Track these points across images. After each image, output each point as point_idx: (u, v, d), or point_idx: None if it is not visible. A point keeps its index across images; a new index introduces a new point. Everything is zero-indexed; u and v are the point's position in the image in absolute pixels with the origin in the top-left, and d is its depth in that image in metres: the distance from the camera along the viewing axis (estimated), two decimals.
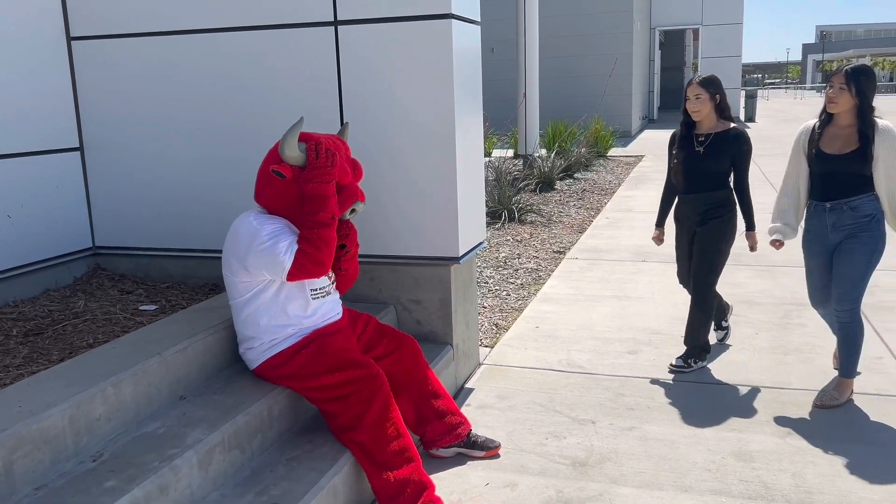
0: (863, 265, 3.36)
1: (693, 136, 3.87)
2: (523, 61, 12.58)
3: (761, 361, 4.03)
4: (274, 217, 2.67)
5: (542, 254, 6.81)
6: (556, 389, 3.73)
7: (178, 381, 2.59)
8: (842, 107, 3.29)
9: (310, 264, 2.59)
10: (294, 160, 2.62)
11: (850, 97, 3.26)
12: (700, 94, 3.75)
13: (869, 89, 3.26)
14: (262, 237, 2.57)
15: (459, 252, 3.51)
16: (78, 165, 3.95)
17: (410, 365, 2.96)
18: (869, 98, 3.26)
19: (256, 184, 2.74)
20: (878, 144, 3.24)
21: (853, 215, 3.35)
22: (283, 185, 2.64)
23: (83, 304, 3.59)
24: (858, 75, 3.25)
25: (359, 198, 2.77)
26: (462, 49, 3.44)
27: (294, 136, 2.59)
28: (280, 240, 2.58)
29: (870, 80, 3.27)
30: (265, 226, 2.60)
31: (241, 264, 2.61)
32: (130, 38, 3.75)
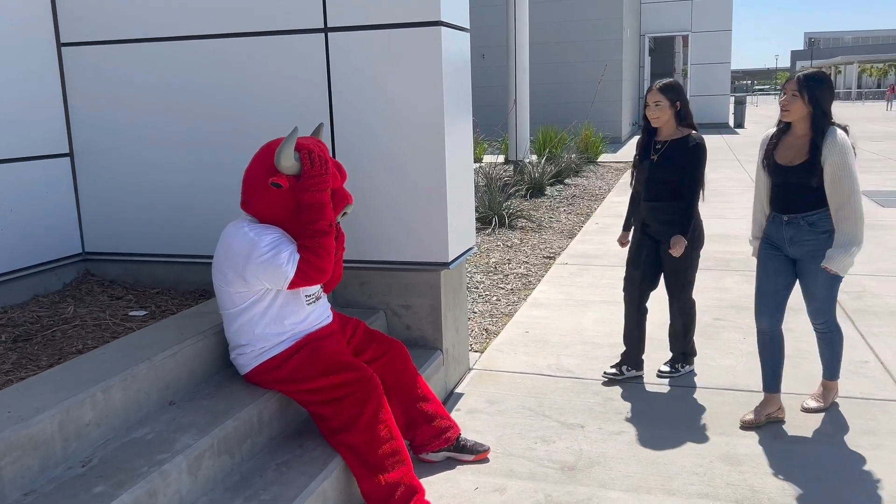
0: (829, 284, 3.25)
1: (652, 143, 3.77)
2: (514, 67, 12.65)
3: (749, 366, 4.06)
4: (267, 226, 2.68)
5: (532, 259, 6.84)
6: (545, 394, 3.75)
7: (168, 387, 2.59)
8: (795, 115, 3.15)
9: (312, 272, 2.61)
10: (290, 170, 2.63)
11: (802, 105, 3.11)
12: (660, 101, 3.65)
13: (823, 96, 3.11)
14: (261, 248, 2.57)
15: (449, 257, 3.53)
16: (68, 171, 3.95)
17: (399, 369, 2.97)
18: (823, 106, 3.11)
19: (244, 192, 2.74)
20: (826, 154, 3.08)
21: (811, 231, 3.20)
22: (278, 196, 2.65)
23: (72, 309, 3.58)
24: (811, 82, 3.10)
25: (348, 200, 2.79)
26: (451, 56, 3.47)
27: (291, 147, 2.61)
28: (281, 250, 2.59)
29: (824, 87, 3.12)
30: (262, 236, 2.61)
31: (238, 276, 2.62)
32: (121, 45, 3.76)
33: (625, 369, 3.94)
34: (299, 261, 2.60)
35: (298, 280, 2.60)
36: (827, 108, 3.12)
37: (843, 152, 3.07)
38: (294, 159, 2.63)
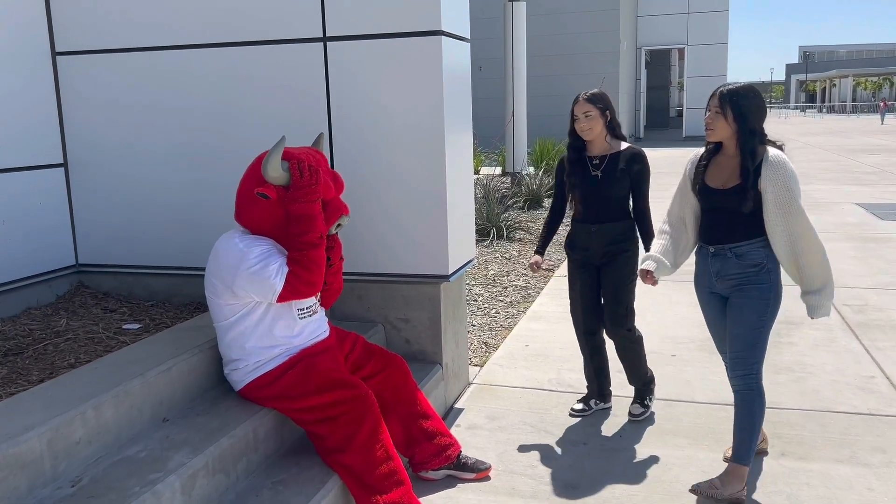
0: (754, 325, 2.80)
1: (586, 159, 3.43)
2: (511, 80, 12.64)
3: None
4: (259, 237, 2.62)
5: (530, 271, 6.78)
6: (546, 409, 3.68)
7: (161, 403, 2.52)
8: (719, 134, 2.79)
9: (301, 286, 2.54)
10: (278, 180, 2.57)
11: (725, 123, 2.75)
12: (590, 112, 3.32)
13: (750, 112, 2.73)
14: (250, 260, 2.52)
15: (449, 270, 3.48)
16: (62, 182, 3.89)
17: (399, 385, 2.90)
18: (751, 123, 2.72)
19: (237, 204, 2.69)
20: (765, 178, 2.69)
21: (739, 264, 2.80)
22: (267, 207, 2.59)
23: (65, 322, 3.51)
24: (734, 97, 2.73)
25: (343, 212, 2.73)
26: (452, 66, 3.42)
27: (278, 157, 2.54)
28: (269, 262, 2.53)
29: (750, 102, 2.74)
30: (252, 248, 2.55)
31: (227, 287, 2.56)
32: (117, 54, 3.71)
33: (593, 403, 3.66)
34: (287, 274, 2.53)
35: (287, 293, 2.54)
36: (755, 125, 2.74)
37: (786, 176, 2.69)
38: (282, 169, 2.57)
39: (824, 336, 4.73)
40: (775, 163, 2.70)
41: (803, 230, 2.71)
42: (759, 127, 2.76)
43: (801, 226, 2.71)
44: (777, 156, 2.73)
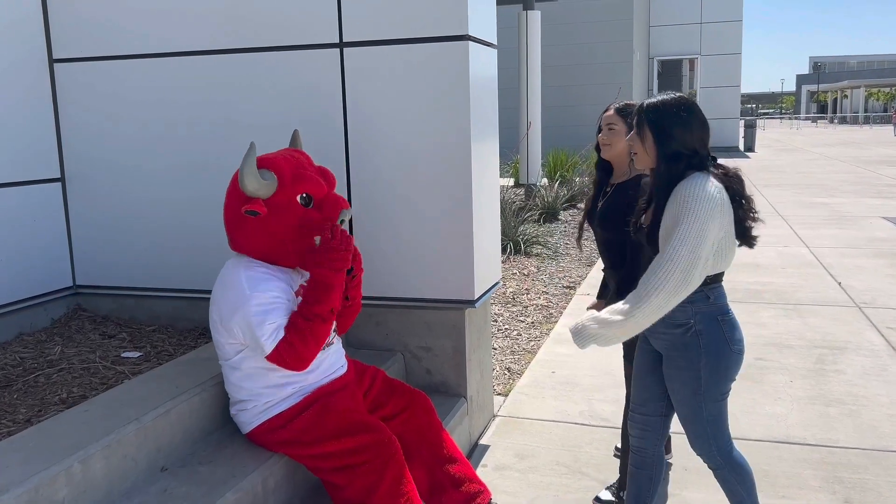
0: (690, 403, 2.27)
1: (605, 184, 2.91)
2: (525, 90, 12.39)
3: (802, 414, 3.69)
4: (268, 273, 2.32)
5: (551, 289, 6.49)
6: (580, 447, 3.38)
7: (159, 450, 2.24)
8: (641, 161, 2.27)
9: (290, 359, 2.26)
10: (262, 191, 2.28)
11: (641, 148, 2.23)
12: (614, 125, 2.76)
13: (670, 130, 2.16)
14: (250, 307, 2.24)
15: (475, 294, 3.19)
16: (58, 197, 3.63)
17: (423, 425, 2.61)
18: (672, 144, 2.15)
19: (227, 231, 2.42)
20: (667, 210, 2.15)
21: (663, 322, 2.18)
22: (258, 224, 2.32)
23: (59, 350, 3.25)
24: (651, 114, 2.20)
25: (342, 205, 2.42)
26: (479, 74, 3.15)
27: (253, 167, 2.25)
28: (268, 318, 2.24)
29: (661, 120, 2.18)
30: (257, 293, 2.26)
31: (224, 325, 2.29)
32: (119, 61, 3.46)
33: (623, 494, 2.85)
34: (281, 341, 2.24)
35: (274, 359, 2.26)
36: (675, 145, 2.15)
37: (683, 200, 2.07)
38: (263, 178, 2.28)
39: (873, 363, 4.41)
40: (680, 190, 2.11)
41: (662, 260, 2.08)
42: (685, 146, 2.15)
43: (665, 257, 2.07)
44: (691, 184, 2.10)
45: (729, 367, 2.24)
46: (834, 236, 8.77)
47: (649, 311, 2.10)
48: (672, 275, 2.07)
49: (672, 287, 2.07)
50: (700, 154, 2.18)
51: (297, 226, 2.32)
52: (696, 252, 2.06)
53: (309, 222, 2.34)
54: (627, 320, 2.12)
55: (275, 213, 2.30)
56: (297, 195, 2.33)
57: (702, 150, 2.18)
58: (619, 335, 2.19)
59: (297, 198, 2.33)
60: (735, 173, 2.21)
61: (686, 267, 2.06)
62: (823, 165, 19.29)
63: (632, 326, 2.14)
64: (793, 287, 6.34)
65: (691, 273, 2.07)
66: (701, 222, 2.05)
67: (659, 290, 2.07)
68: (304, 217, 2.33)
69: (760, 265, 7.22)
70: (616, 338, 2.20)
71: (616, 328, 2.15)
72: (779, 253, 7.87)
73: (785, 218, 10.32)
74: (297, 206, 2.33)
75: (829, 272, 6.91)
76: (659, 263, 2.10)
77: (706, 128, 2.22)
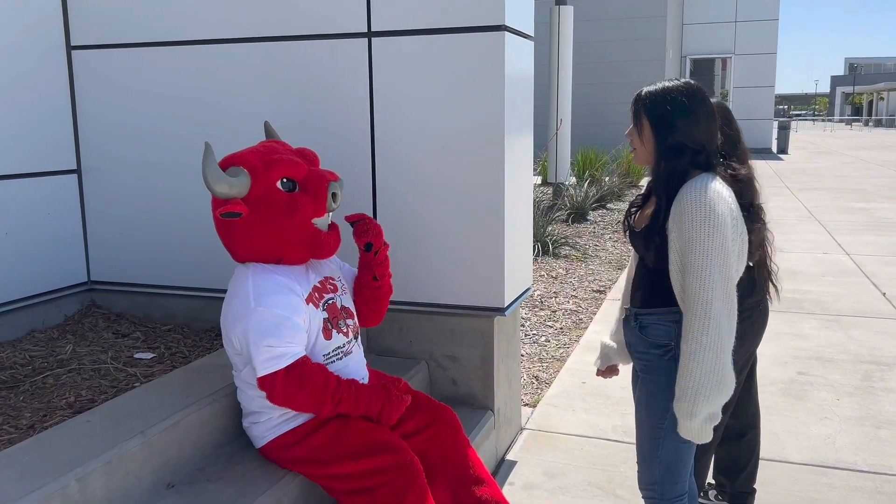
0: (650, 433, 2.01)
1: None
2: (556, 86, 12.15)
3: (851, 436, 3.46)
4: (277, 284, 2.13)
5: (580, 293, 6.28)
6: (614, 465, 3.19)
7: (166, 465, 2.09)
8: (640, 158, 2.01)
9: (276, 393, 2.05)
10: (235, 191, 2.09)
11: (639, 142, 1.99)
12: None
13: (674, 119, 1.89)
14: (251, 322, 2.05)
15: (505, 301, 3.01)
16: (74, 190, 3.50)
17: (448, 443, 2.43)
18: (674, 136, 1.89)
19: (225, 246, 2.26)
20: (672, 217, 1.87)
21: (642, 340, 2.02)
22: (245, 226, 2.15)
23: (71, 349, 3.13)
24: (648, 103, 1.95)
25: (328, 178, 2.20)
26: (515, 67, 2.96)
27: (215, 169, 2.06)
28: (266, 340, 2.03)
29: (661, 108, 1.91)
30: (261, 309, 2.06)
31: (228, 336, 2.13)
32: (140, 48, 3.31)
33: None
34: (278, 372, 2.04)
35: (261, 383, 2.07)
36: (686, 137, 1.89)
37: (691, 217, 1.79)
38: (232, 176, 2.10)
39: None
40: (681, 196, 1.84)
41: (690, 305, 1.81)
42: (687, 140, 1.89)
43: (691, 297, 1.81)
44: (688, 187, 1.83)
45: None
46: (875, 243, 8.45)
47: (711, 363, 1.77)
48: (713, 298, 1.78)
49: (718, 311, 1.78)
50: (707, 150, 1.90)
51: (287, 213, 2.14)
52: (726, 263, 1.80)
53: (298, 205, 2.15)
54: (698, 392, 1.78)
55: (258, 208, 2.12)
56: (275, 182, 2.15)
57: (709, 145, 1.91)
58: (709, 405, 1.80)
59: (277, 184, 2.15)
60: (746, 176, 1.97)
61: (724, 283, 1.79)
62: (861, 169, 18.78)
63: (708, 391, 1.78)
64: (833, 296, 6.07)
65: (730, 286, 1.82)
66: (721, 229, 1.79)
67: (706, 324, 1.78)
68: (292, 202, 2.15)
69: (798, 272, 6.94)
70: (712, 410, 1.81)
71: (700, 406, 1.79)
72: (817, 259, 7.58)
73: (822, 223, 9.99)
74: (280, 194, 2.15)
75: (871, 281, 6.61)
76: (693, 301, 1.80)
77: (714, 120, 1.94)
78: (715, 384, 1.78)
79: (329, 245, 2.26)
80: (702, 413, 1.80)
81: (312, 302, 2.22)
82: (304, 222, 2.17)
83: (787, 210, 11.37)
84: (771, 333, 3.30)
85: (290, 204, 2.15)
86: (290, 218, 2.15)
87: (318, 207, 2.18)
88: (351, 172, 2.98)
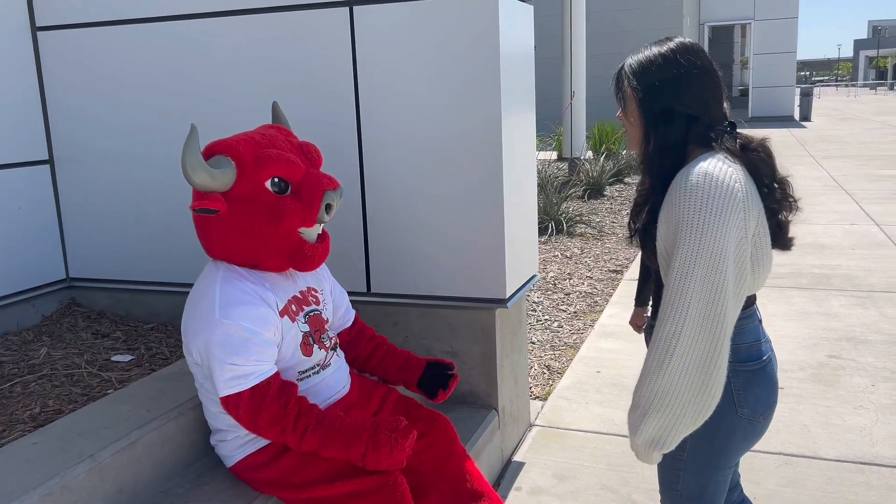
0: (668, 465, 1.71)
1: None
2: (569, 58, 11.77)
3: (890, 427, 3.18)
4: (246, 294, 1.88)
5: (595, 273, 6.01)
6: (629, 466, 2.94)
7: (122, 491, 1.87)
8: (632, 140, 1.68)
9: (243, 415, 1.82)
10: (215, 184, 1.83)
11: (626, 119, 1.67)
12: None
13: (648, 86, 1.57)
14: (214, 336, 1.82)
15: (507, 292, 2.75)
16: (47, 182, 3.29)
17: (443, 455, 2.20)
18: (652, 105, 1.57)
19: (196, 231, 2.02)
20: (662, 212, 1.53)
21: None
22: (221, 224, 1.90)
23: (45, 352, 2.93)
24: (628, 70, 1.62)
25: (325, 185, 1.93)
26: (511, 35, 2.68)
27: (196, 157, 1.79)
28: (229, 358, 1.80)
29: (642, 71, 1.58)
30: (226, 321, 1.82)
31: (187, 345, 1.90)
32: (111, 27, 3.07)
33: None
34: (242, 393, 1.80)
35: (224, 403, 1.84)
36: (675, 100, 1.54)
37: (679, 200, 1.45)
38: (217, 166, 1.84)
39: None
40: (674, 183, 1.49)
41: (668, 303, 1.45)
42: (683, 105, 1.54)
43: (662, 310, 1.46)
44: (689, 172, 1.46)
45: (730, 437, 1.60)
46: None
47: (668, 381, 1.44)
48: (687, 315, 1.42)
49: (692, 333, 1.42)
50: (706, 118, 1.53)
51: (271, 219, 1.88)
52: (717, 270, 1.41)
53: (285, 212, 1.88)
54: (647, 411, 1.48)
55: (239, 207, 1.87)
56: (264, 181, 1.88)
57: (709, 111, 1.54)
58: (656, 429, 1.49)
59: (267, 184, 1.88)
60: (760, 145, 1.55)
61: (708, 297, 1.41)
62: (888, 135, 18.16)
63: (659, 414, 1.47)
64: (864, 271, 5.74)
65: (718, 302, 1.42)
66: (713, 226, 1.41)
67: (673, 345, 1.43)
68: (279, 207, 1.88)
69: (826, 245, 6.60)
70: (657, 436, 1.50)
71: (643, 428, 1.50)
72: (845, 231, 7.23)
73: (850, 192, 9.59)
74: (267, 195, 1.88)
75: None
76: (664, 307, 1.45)
77: (712, 80, 1.56)
78: (666, 409, 1.47)
79: (314, 259, 1.99)
80: (644, 433, 1.51)
81: (288, 315, 1.97)
82: (289, 231, 1.92)
83: (811, 179, 10.94)
84: (798, 313, 3.04)
85: (277, 209, 1.89)
86: (275, 224, 1.89)
87: (308, 217, 1.92)
88: (336, 153, 2.73)
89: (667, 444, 1.51)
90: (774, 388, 1.65)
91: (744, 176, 1.49)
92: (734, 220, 1.43)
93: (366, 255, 2.87)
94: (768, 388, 1.63)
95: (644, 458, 1.56)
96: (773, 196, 1.54)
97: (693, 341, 1.43)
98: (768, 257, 1.55)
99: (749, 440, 1.64)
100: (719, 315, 1.42)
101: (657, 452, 1.53)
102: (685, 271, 1.42)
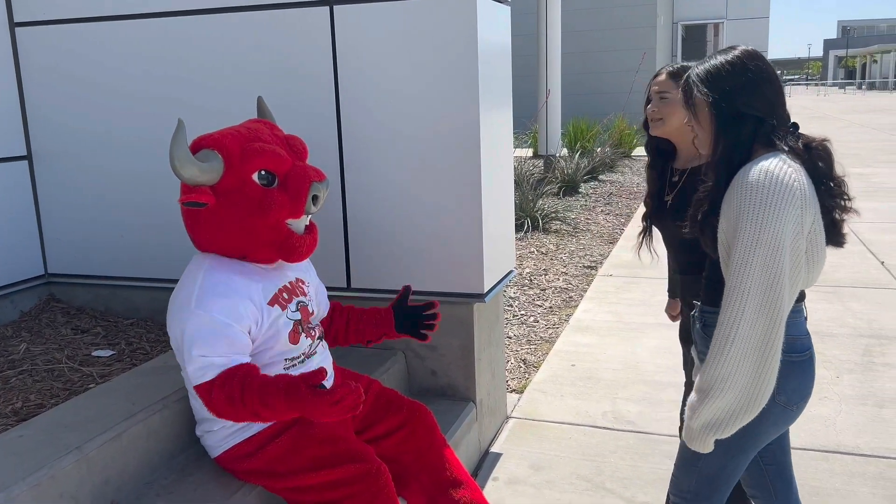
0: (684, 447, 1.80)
1: (667, 171, 2.36)
2: (544, 56, 11.86)
3: (852, 417, 3.30)
4: (227, 286, 1.91)
5: (570, 269, 6.10)
6: (603, 456, 3.02)
7: (108, 482, 1.90)
8: (703, 142, 1.74)
9: (214, 405, 1.85)
10: (203, 178, 1.87)
11: (697, 124, 1.74)
12: (667, 93, 2.23)
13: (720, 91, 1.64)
14: (188, 324, 1.85)
15: (485, 287, 2.82)
16: (26, 177, 3.29)
17: (424, 445, 2.26)
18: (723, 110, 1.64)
19: (184, 225, 2.06)
20: (723, 203, 1.63)
21: (703, 338, 1.81)
22: (209, 217, 1.94)
23: (25, 347, 2.94)
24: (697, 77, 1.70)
25: (312, 177, 1.96)
26: (489, 35, 2.74)
27: (184, 151, 1.82)
28: (196, 348, 1.84)
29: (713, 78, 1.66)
30: (199, 312, 1.85)
31: (168, 329, 1.94)
32: (89, 23, 3.08)
33: None
34: (214, 380, 1.84)
35: (198, 391, 1.88)
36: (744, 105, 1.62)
37: (740, 199, 1.54)
38: (204, 160, 1.87)
39: None
40: (737, 178, 1.58)
41: (729, 291, 1.56)
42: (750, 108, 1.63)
43: (731, 285, 1.55)
44: (752, 169, 1.55)
45: (762, 419, 1.64)
46: (872, 210, 8.26)
47: (730, 365, 1.54)
48: (747, 301, 1.52)
49: (751, 317, 1.52)
50: (771, 120, 1.61)
51: (259, 211, 1.92)
52: (774, 260, 1.51)
53: (273, 204, 1.92)
54: (709, 393, 1.57)
55: (227, 200, 1.91)
56: (251, 174, 1.91)
57: (774, 113, 1.63)
58: (715, 413, 1.58)
59: (254, 177, 1.92)
60: (821, 145, 1.65)
61: (765, 284, 1.51)
62: (856, 133, 18.55)
63: (719, 397, 1.56)
64: (831, 266, 5.88)
65: (775, 290, 1.51)
66: (771, 219, 1.50)
67: (734, 330, 1.53)
68: (266, 199, 1.92)
69: None
70: (715, 419, 1.59)
71: (702, 411, 1.59)
72: None
73: None
74: (255, 188, 1.91)
75: (869, 249, 6.45)
76: (726, 295, 1.56)
77: (775, 85, 1.64)
78: (727, 392, 1.56)
79: (302, 250, 2.03)
80: (702, 416, 1.60)
81: (279, 303, 2.01)
82: (276, 223, 1.95)
83: None
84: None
85: (265, 201, 1.92)
86: (262, 216, 1.93)
87: (295, 209, 1.96)
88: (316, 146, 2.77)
89: (723, 430, 1.60)
90: (812, 381, 1.75)
91: (803, 174, 1.58)
92: (791, 215, 1.52)
93: (346, 251, 2.92)
94: (806, 380, 1.73)
95: (698, 443, 1.65)
96: (829, 194, 1.63)
97: (752, 326, 1.53)
98: (822, 253, 1.64)
99: (778, 426, 1.73)
100: (776, 302, 1.52)
101: (712, 437, 1.62)
102: (745, 260, 1.52)
